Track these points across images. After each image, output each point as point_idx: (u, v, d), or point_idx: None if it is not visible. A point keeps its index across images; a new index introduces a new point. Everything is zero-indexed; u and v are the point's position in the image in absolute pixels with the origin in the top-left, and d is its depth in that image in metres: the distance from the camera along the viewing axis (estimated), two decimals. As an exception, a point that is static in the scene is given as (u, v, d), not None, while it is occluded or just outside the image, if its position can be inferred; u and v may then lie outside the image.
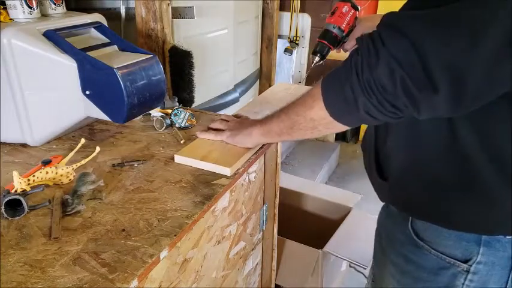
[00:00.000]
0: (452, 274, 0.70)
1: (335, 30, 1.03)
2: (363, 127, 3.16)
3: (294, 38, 2.81)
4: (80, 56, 0.88)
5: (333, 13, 1.03)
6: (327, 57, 1.06)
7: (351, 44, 1.05)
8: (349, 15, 1.01)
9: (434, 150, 0.66)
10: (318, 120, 0.70)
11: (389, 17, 0.58)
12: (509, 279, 0.68)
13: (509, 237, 0.65)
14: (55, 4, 1.03)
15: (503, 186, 0.62)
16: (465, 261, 0.68)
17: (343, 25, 1.02)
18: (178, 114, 1.08)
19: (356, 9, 1.02)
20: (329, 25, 1.04)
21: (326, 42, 1.04)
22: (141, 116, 1.08)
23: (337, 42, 1.04)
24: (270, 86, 1.56)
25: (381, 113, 0.60)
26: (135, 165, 0.89)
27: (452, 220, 0.68)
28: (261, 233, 1.19)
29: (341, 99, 0.63)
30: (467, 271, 0.69)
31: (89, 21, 1.03)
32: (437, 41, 0.52)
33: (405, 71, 0.54)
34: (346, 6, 1.01)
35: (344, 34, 1.03)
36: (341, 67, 0.63)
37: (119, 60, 0.91)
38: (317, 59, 1.07)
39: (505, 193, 0.62)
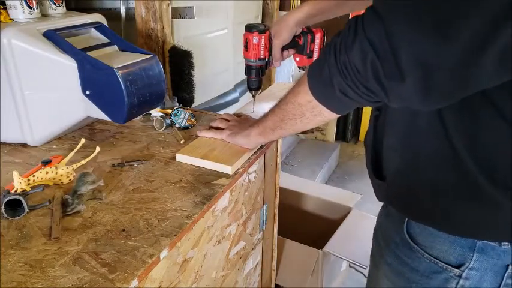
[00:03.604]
0: (444, 278, 0.70)
1: (256, 62, 1.03)
2: (363, 127, 3.16)
3: (294, 38, 2.81)
4: (80, 56, 0.88)
5: (246, 47, 1.02)
6: None
7: (277, 59, 1.05)
8: (262, 42, 1.00)
9: (430, 150, 0.65)
10: (305, 105, 0.69)
11: None
12: (501, 286, 0.67)
13: (505, 246, 0.64)
14: (55, 4, 1.03)
15: (497, 192, 0.60)
16: (458, 267, 0.68)
17: (261, 54, 1.02)
18: (178, 114, 1.08)
19: (264, 32, 1.00)
20: (248, 60, 1.04)
21: (254, 77, 1.06)
22: (141, 116, 1.08)
23: (264, 67, 1.05)
24: (269, 85, 1.57)
25: (356, 95, 0.59)
26: (135, 165, 0.89)
27: (447, 223, 0.67)
28: (261, 233, 1.19)
29: (320, 80, 0.63)
30: (460, 276, 0.68)
31: (89, 21, 1.03)
32: (409, 32, 0.50)
33: (377, 55, 0.52)
34: (255, 37, 0.99)
35: (266, 59, 1.03)
36: (323, 50, 0.63)
37: (119, 60, 0.91)
38: (253, 92, 1.10)
39: (499, 199, 0.60)
